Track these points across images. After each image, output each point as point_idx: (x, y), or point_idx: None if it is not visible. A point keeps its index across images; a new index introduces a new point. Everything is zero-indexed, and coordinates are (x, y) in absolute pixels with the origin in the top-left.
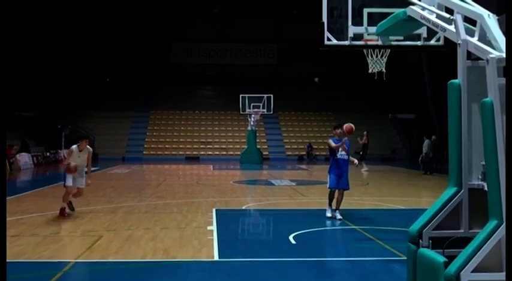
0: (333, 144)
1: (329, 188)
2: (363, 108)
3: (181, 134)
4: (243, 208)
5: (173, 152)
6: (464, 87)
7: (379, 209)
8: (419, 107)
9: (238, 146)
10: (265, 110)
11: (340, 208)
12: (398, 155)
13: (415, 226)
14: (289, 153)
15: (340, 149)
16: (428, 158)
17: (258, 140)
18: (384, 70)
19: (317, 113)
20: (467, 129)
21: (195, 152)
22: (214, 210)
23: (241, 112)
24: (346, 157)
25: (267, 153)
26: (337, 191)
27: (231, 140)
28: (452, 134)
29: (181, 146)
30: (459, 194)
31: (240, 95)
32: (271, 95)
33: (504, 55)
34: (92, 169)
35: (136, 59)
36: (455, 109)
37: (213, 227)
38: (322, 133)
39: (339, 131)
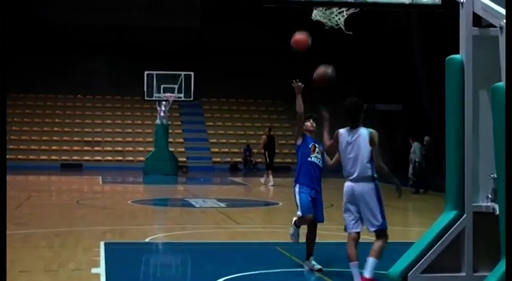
0: (327, 141)
1: (301, 215)
2: (323, 94)
3: (55, 129)
4: (147, 240)
5: (42, 157)
6: (468, 66)
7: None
8: (407, 94)
9: (141, 149)
10: (182, 96)
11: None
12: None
13: (397, 268)
14: (218, 159)
15: (316, 149)
16: (420, 170)
17: (171, 140)
18: (342, 26)
19: (259, 101)
20: (473, 126)
21: (75, 157)
22: (102, 244)
23: (146, 98)
24: (320, 162)
25: (184, 159)
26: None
27: (129, 139)
28: (450, 135)
29: (54, 147)
30: (460, 220)
31: (145, 72)
32: (192, 73)
33: None
34: None
35: None
36: (456, 97)
37: (100, 270)
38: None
39: (309, 123)
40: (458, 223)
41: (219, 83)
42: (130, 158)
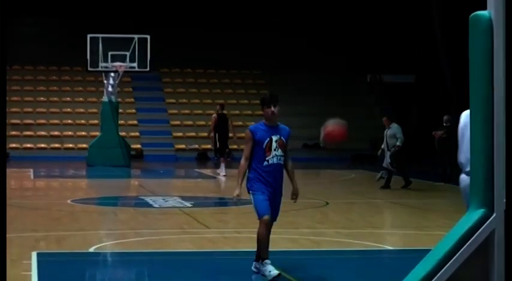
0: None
1: (259, 218)
2: (318, 65)
3: None
4: (91, 250)
5: None
6: (498, 25)
7: (345, 251)
8: (421, 63)
9: (83, 134)
10: (135, 65)
11: (279, 249)
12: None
13: None
14: (181, 146)
15: (274, 146)
16: (401, 158)
17: (121, 123)
18: None
19: (235, 72)
20: (505, 102)
21: None
22: (34, 255)
23: (89, 68)
24: (281, 160)
25: (138, 146)
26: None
27: (69, 121)
28: (476, 113)
29: None
30: (488, 221)
31: (88, 36)
32: (148, 37)
33: None
34: None
35: None
36: (482, 65)
37: None
38: (245, 109)
39: (271, 110)
40: (485, 224)
41: (183, 50)
42: (70, 145)
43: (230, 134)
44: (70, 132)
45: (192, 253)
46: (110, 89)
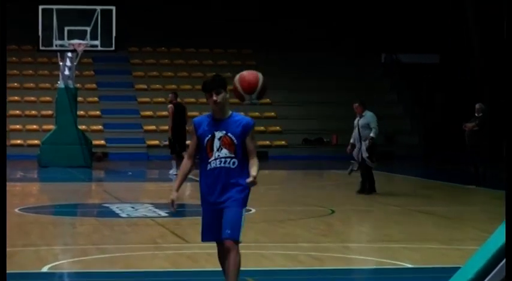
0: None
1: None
2: (321, 43)
3: None
4: (44, 270)
5: None
6: None
7: (354, 270)
8: (447, 41)
9: (34, 128)
10: (97, 43)
11: (273, 267)
12: (402, 146)
13: None
14: (154, 142)
15: (216, 145)
16: (372, 152)
17: (81, 114)
18: None
19: (219, 52)
20: None
21: None
22: None
23: (41, 47)
24: (228, 164)
25: (101, 142)
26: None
27: (16, 112)
28: None
29: None
30: None
31: (40, 7)
32: (113, 8)
33: None
34: None
35: None
36: None
37: None
38: (232, 97)
39: (212, 99)
40: None
41: (156, 25)
42: (18, 141)
43: (187, 127)
44: (18, 126)
45: (168, 272)
46: (66, 72)
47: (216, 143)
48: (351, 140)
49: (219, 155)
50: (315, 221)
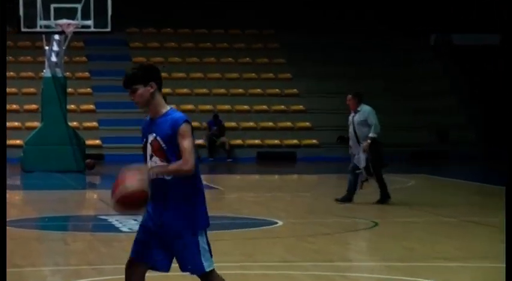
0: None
1: None
2: (358, 23)
3: None
4: None
5: None
6: None
7: None
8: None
9: (16, 125)
10: (90, 24)
11: None
12: (455, 144)
13: None
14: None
15: (149, 151)
16: (373, 156)
17: (72, 108)
18: None
19: (237, 33)
20: None
21: None
22: None
23: (22, 29)
24: (163, 175)
25: (96, 142)
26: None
27: None
28: None
29: None
30: None
31: None
32: None
33: None
34: None
35: None
36: None
37: None
38: (252, 87)
39: (132, 97)
40: None
41: (160, 1)
42: None
43: None
44: None
45: None
46: (53, 59)
47: (149, 149)
48: (350, 142)
49: (151, 164)
50: (354, 236)
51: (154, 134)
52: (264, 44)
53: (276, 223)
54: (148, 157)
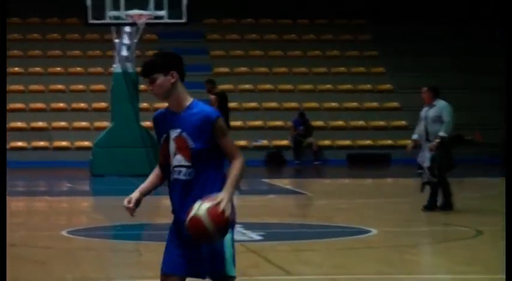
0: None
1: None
2: (458, 9)
3: None
4: None
5: None
6: None
7: None
8: None
9: (84, 125)
10: (164, 14)
11: None
12: None
13: None
14: (241, 143)
15: (171, 149)
16: (442, 157)
17: (145, 106)
18: None
19: (323, 23)
20: None
21: None
22: None
23: (90, 20)
24: (188, 176)
25: None
26: None
27: (60, 105)
28: None
29: None
30: None
31: None
32: None
33: None
34: None
35: None
36: None
37: None
38: (342, 82)
39: (150, 88)
40: None
41: None
42: (63, 143)
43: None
44: (63, 123)
45: None
46: (124, 53)
47: (172, 146)
48: (414, 136)
49: (175, 164)
50: (457, 246)
51: (179, 130)
52: (354, 35)
53: (370, 231)
54: (171, 155)
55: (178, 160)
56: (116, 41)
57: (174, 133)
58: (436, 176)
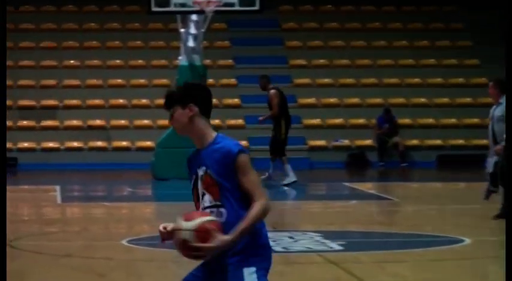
0: None
1: None
2: None
3: None
4: None
5: None
6: None
7: None
8: None
9: (145, 123)
10: (235, 1)
11: None
12: None
13: None
14: (319, 143)
15: (200, 189)
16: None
17: (214, 102)
18: None
19: (409, 10)
20: None
21: None
22: None
23: (153, 8)
24: (213, 214)
25: (243, 143)
26: None
27: (120, 101)
28: None
29: None
30: None
31: None
32: None
33: None
34: None
35: None
36: None
37: None
38: (432, 74)
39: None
40: None
41: None
42: (123, 143)
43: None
44: (122, 121)
45: None
46: (190, 43)
47: (200, 186)
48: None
49: (203, 205)
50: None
51: (204, 168)
52: (445, 23)
53: (463, 241)
54: (200, 196)
55: (207, 200)
56: (182, 30)
57: (200, 172)
58: (498, 184)
